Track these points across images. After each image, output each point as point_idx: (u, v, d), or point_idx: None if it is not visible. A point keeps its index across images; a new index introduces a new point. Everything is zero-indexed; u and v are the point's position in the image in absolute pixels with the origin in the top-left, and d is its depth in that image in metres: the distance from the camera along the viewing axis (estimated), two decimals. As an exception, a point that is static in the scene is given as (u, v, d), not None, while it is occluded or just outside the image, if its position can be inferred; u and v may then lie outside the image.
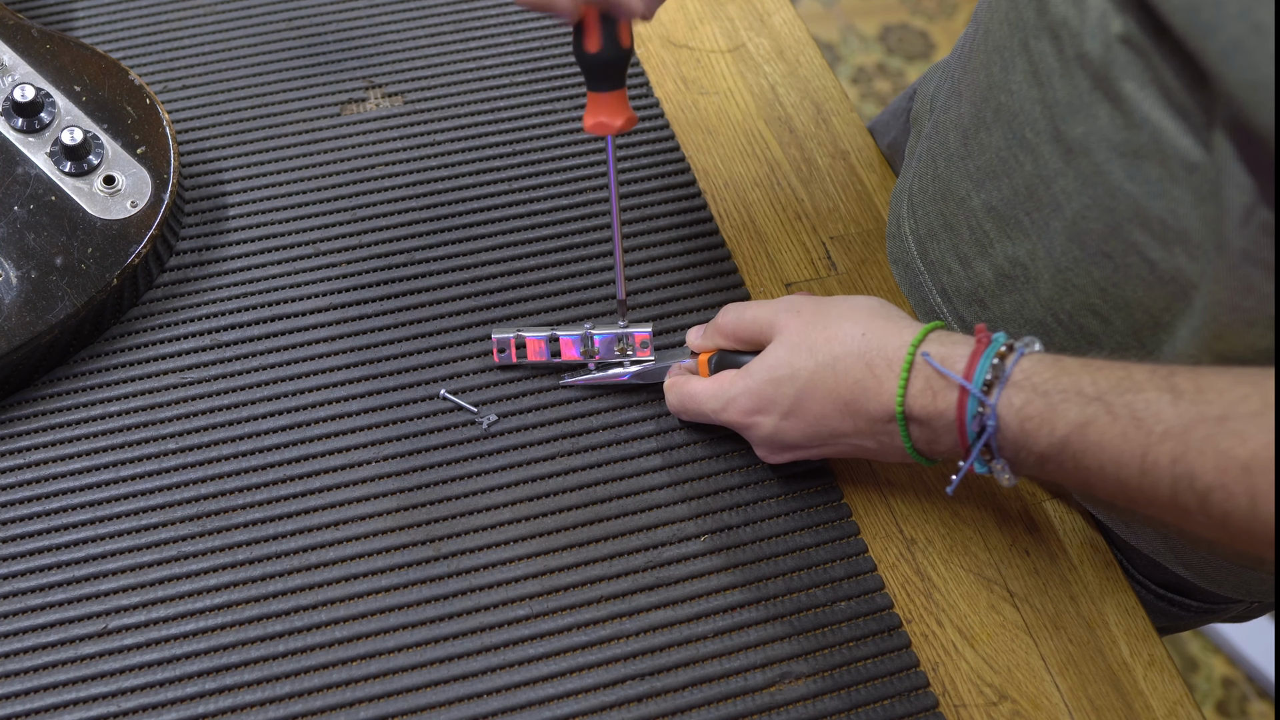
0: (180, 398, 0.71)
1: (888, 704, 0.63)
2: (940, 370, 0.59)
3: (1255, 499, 0.50)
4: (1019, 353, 0.58)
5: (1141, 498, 0.54)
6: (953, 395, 0.59)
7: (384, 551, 0.67)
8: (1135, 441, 0.53)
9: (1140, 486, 0.53)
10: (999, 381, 0.57)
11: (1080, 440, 0.55)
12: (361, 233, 0.79)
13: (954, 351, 0.60)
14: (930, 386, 0.60)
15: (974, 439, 0.58)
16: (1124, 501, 0.56)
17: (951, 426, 0.59)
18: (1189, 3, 0.51)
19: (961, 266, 0.72)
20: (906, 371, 0.60)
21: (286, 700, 0.62)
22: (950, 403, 0.59)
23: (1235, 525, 0.51)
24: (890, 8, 2.25)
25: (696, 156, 0.84)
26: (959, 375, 0.59)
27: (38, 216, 0.72)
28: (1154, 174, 0.57)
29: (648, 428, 0.71)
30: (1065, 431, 0.55)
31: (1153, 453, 0.52)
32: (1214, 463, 0.50)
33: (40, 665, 0.62)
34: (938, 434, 0.60)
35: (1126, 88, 0.57)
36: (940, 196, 0.72)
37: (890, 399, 0.61)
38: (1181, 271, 0.58)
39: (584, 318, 0.76)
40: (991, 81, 0.66)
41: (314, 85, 0.85)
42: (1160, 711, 0.65)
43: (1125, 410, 0.54)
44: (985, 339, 0.59)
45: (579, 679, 0.63)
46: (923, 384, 0.60)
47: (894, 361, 0.61)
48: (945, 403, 0.59)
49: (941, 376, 0.59)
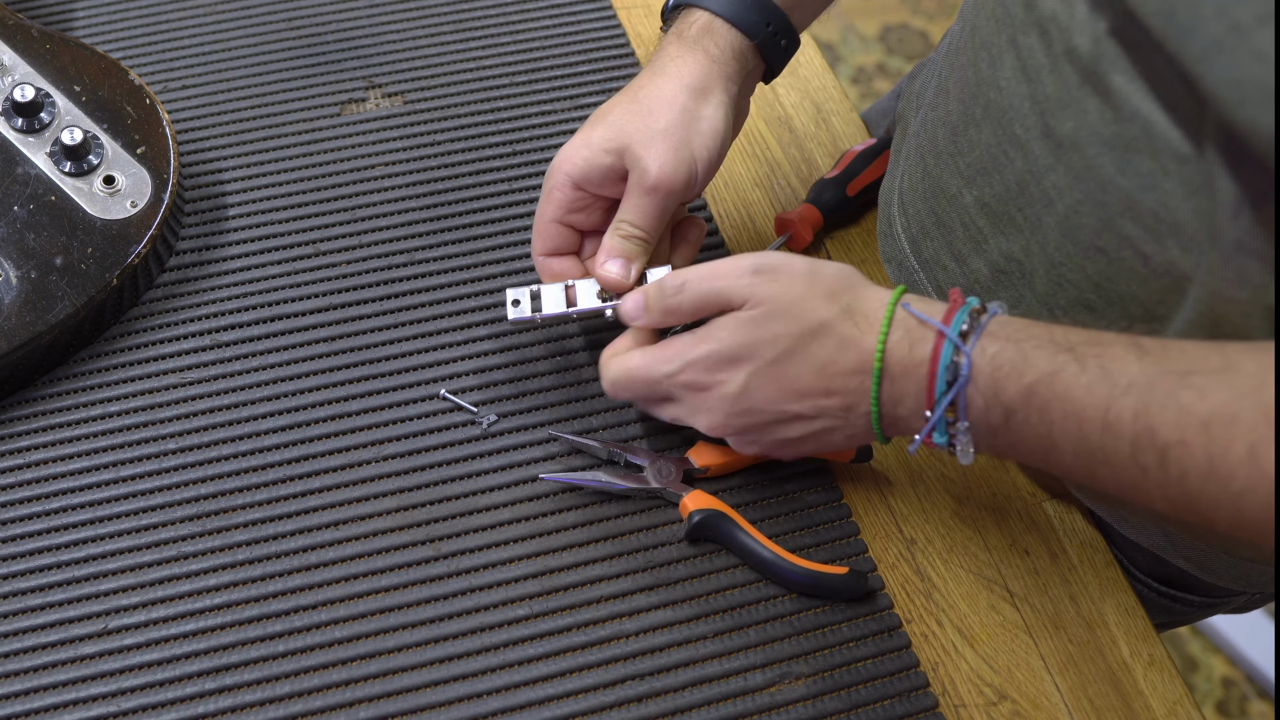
0: (180, 398, 0.71)
1: (888, 704, 0.63)
2: (920, 317, 0.59)
3: (1212, 457, 0.50)
4: (993, 310, 0.58)
5: (1101, 457, 0.54)
6: (928, 345, 0.58)
7: (384, 551, 0.67)
8: (1100, 394, 0.53)
9: (1101, 444, 0.53)
10: (975, 330, 0.57)
11: (1048, 389, 0.55)
12: (361, 233, 0.79)
13: (931, 307, 0.60)
14: (909, 336, 0.59)
15: (942, 392, 0.58)
16: (1082, 467, 0.55)
17: (923, 381, 0.58)
18: (1166, 4, 0.51)
19: (956, 264, 0.72)
20: (888, 322, 0.59)
21: (286, 700, 0.62)
22: (925, 353, 0.58)
23: (1191, 485, 0.51)
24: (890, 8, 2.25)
25: (696, 156, 0.84)
26: (938, 321, 0.58)
27: (38, 216, 0.72)
28: (1145, 167, 0.57)
29: (648, 427, 0.71)
30: (1033, 379, 0.55)
31: (1115, 406, 0.53)
32: (1174, 418, 0.51)
33: (40, 665, 0.62)
34: (906, 390, 0.59)
35: (1116, 81, 0.57)
36: (932, 194, 0.72)
37: (870, 350, 0.60)
38: (1175, 264, 0.59)
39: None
40: (980, 78, 0.66)
41: (314, 85, 0.85)
42: (1160, 711, 0.65)
43: (1094, 362, 0.54)
44: (960, 299, 0.60)
45: (579, 679, 0.63)
46: (901, 334, 0.59)
47: (874, 315, 0.60)
48: (921, 353, 0.58)
49: (921, 325, 0.59)
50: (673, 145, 0.66)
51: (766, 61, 0.72)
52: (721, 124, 0.68)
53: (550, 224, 0.69)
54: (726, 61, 0.69)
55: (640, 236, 0.67)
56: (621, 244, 0.67)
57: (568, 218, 0.69)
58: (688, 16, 0.70)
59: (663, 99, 0.67)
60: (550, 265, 0.70)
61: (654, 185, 0.66)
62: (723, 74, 0.69)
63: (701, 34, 0.69)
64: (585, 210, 0.69)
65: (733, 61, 0.69)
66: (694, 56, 0.68)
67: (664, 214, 0.67)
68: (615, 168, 0.67)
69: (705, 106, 0.67)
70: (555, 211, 0.69)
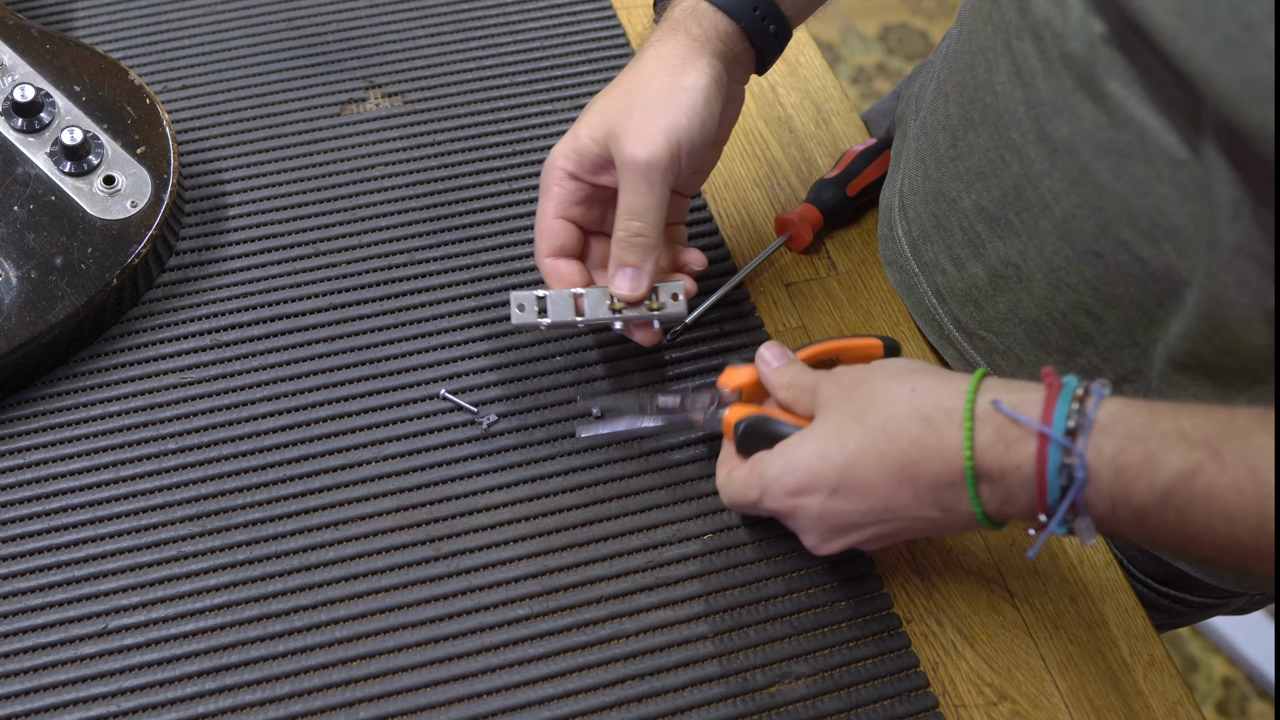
0: (180, 398, 0.71)
1: (888, 704, 0.63)
2: (1014, 416, 0.53)
3: None
4: (1098, 395, 0.52)
5: (1255, 555, 0.49)
6: (1030, 446, 0.52)
7: (384, 551, 0.67)
8: (1250, 494, 0.48)
9: (1256, 543, 0.49)
10: (1084, 427, 0.51)
11: (1186, 491, 0.49)
12: (361, 233, 0.79)
13: (1024, 397, 0.54)
14: (1002, 437, 0.53)
15: (1058, 496, 0.52)
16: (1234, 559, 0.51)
17: (1029, 482, 0.53)
18: (1179, 3, 0.51)
19: (955, 267, 0.72)
20: (970, 420, 0.54)
21: (286, 700, 0.62)
22: (1028, 454, 0.52)
23: None
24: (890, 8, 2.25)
25: (696, 156, 0.84)
26: (1036, 421, 0.52)
27: (38, 216, 0.72)
28: (1140, 172, 0.57)
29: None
30: (1168, 482, 0.50)
31: (1270, 505, 0.48)
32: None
33: (40, 665, 0.62)
34: (1012, 492, 0.54)
35: (1110, 86, 0.57)
36: (932, 198, 0.72)
37: (956, 455, 0.54)
38: (1172, 268, 0.58)
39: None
40: (977, 82, 0.66)
41: (314, 85, 0.85)
42: (1160, 711, 0.65)
43: (1236, 457, 0.49)
44: (1056, 383, 0.53)
45: (579, 679, 0.63)
46: (993, 434, 0.53)
47: (953, 412, 0.55)
48: (1022, 455, 0.53)
49: (1015, 424, 0.53)
50: (648, 118, 0.64)
51: (755, 48, 0.70)
52: (701, 95, 0.65)
53: (552, 221, 0.68)
54: (709, 40, 0.67)
55: (641, 234, 0.66)
56: (624, 250, 0.66)
57: (569, 211, 0.68)
58: (675, 2, 0.69)
59: (641, 80, 0.67)
60: (557, 268, 0.68)
61: (632, 160, 0.64)
62: (704, 50, 0.67)
63: (684, 16, 0.68)
64: (585, 204, 0.69)
65: (716, 41, 0.67)
66: (674, 38, 0.67)
67: (658, 196, 0.65)
68: (603, 155, 0.66)
69: (683, 79, 0.66)
70: (555, 207, 0.68)
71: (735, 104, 0.71)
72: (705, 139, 0.66)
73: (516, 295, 0.68)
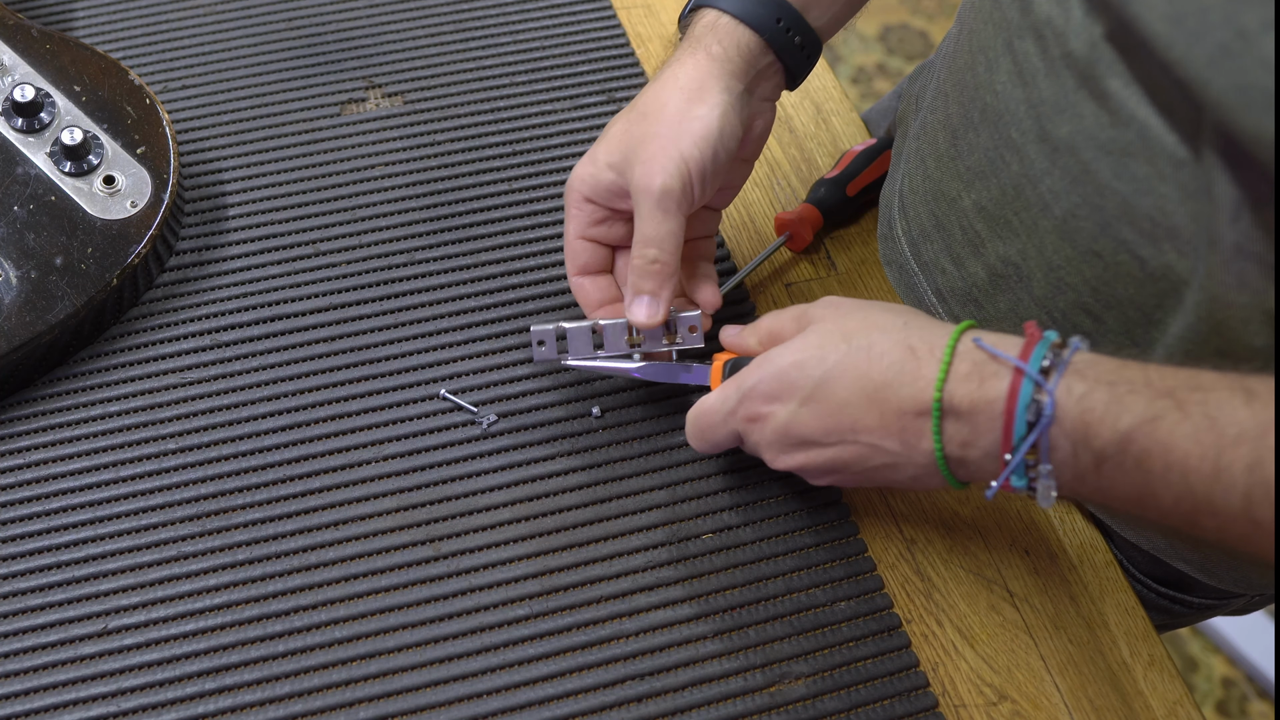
0: (180, 398, 0.71)
1: (888, 704, 0.63)
2: (993, 352, 0.55)
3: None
4: (1074, 346, 0.55)
5: (1207, 509, 0.50)
6: (1003, 383, 0.54)
7: (384, 551, 0.67)
8: (1207, 443, 0.49)
9: (1209, 495, 0.50)
10: (1059, 367, 0.53)
11: (1147, 438, 0.51)
12: (361, 233, 0.79)
13: (1004, 341, 0.56)
14: (978, 372, 0.55)
15: (1024, 433, 0.53)
16: (1183, 516, 0.52)
17: (997, 420, 0.54)
18: (1173, 11, 0.51)
19: (955, 267, 0.72)
20: (950, 354, 0.56)
21: (286, 700, 0.62)
22: (1000, 391, 0.54)
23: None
24: (890, 8, 2.25)
25: (696, 156, 0.84)
26: (1014, 357, 0.54)
27: (38, 216, 0.72)
28: (1141, 172, 0.57)
29: (647, 428, 0.71)
30: (1130, 426, 0.51)
31: (1226, 456, 0.49)
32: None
33: (40, 665, 0.62)
34: (978, 430, 0.55)
35: (1112, 86, 0.57)
36: (932, 197, 0.72)
37: (928, 385, 0.56)
38: (1172, 268, 0.58)
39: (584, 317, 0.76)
40: (977, 82, 0.66)
41: (314, 85, 0.85)
42: (1160, 711, 0.65)
43: (1198, 409, 0.50)
44: (1038, 333, 0.56)
45: (579, 679, 0.63)
46: (969, 368, 0.55)
47: (936, 347, 0.56)
48: (995, 390, 0.54)
49: (993, 360, 0.55)
50: (661, 148, 0.64)
51: (782, 61, 0.68)
52: (715, 124, 0.64)
53: (576, 241, 0.69)
54: (729, 59, 0.66)
55: (657, 261, 0.65)
56: (641, 279, 0.65)
57: (590, 232, 0.68)
58: (697, 17, 0.68)
59: (658, 104, 0.66)
60: (584, 287, 0.69)
61: (646, 189, 0.64)
62: (723, 71, 0.66)
63: (705, 32, 0.67)
64: (606, 223, 0.69)
65: (737, 59, 0.66)
66: (694, 57, 0.66)
67: (673, 224, 0.65)
68: (618, 182, 0.66)
69: (699, 106, 0.65)
70: (577, 228, 0.68)
71: (764, 119, 0.70)
72: (721, 164, 0.66)
73: (537, 330, 0.69)
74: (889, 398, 0.57)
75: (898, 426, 0.57)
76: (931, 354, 0.56)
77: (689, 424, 0.65)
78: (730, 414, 0.62)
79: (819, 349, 0.59)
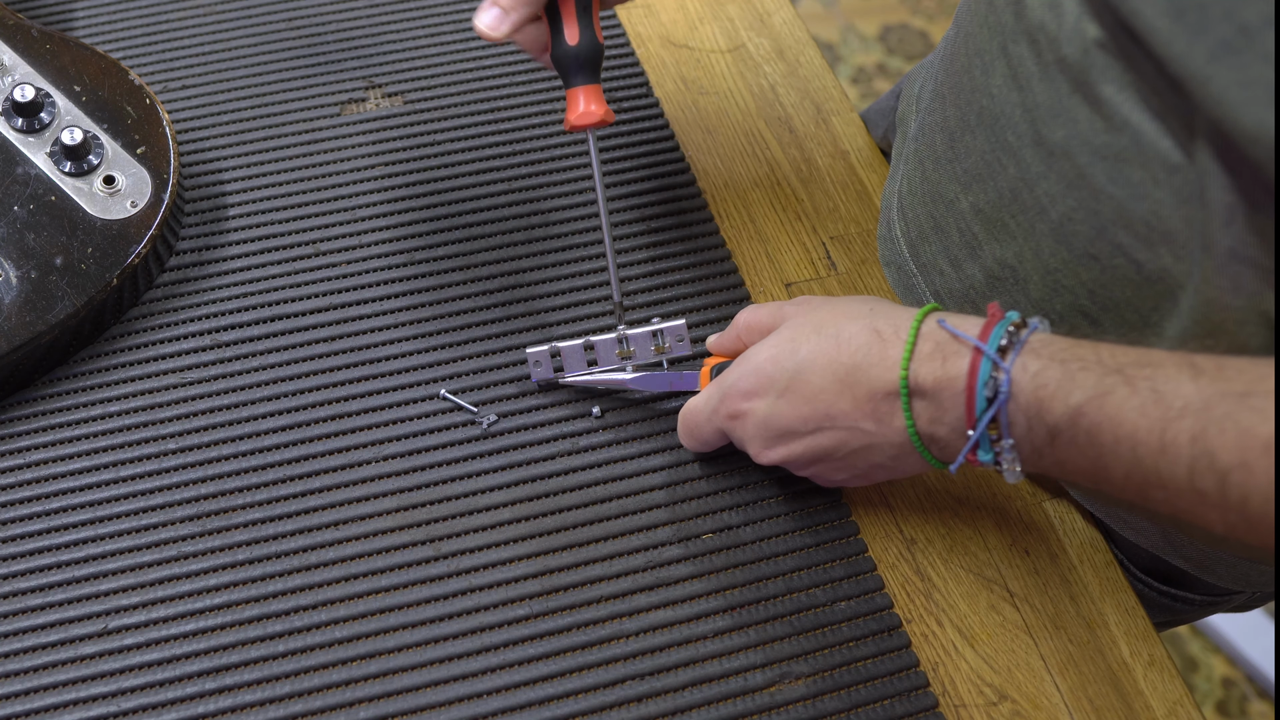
0: (180, 398, 0.71)
1: (888, 704, 0.63)
2: (953, 332, 0.57)
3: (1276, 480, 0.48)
4: (1033, 326, 0.57)
5: (1155, 481, 0.52)
6: (964, 361, 0.57)
7: (384, 551, 0.67)
8: (1154, 416, 0.51)
9: (1156, 467, 0.51)
10: (1015, 346, 0.55)
11: (1097, 411, 0.53)
12: (361, 233, 0.79)
13: (966, 322, 0.58)
14: (941, 351, 0.57)
15: (984, 408, 0.56)
16: (1134, 489, 0.54)
17: (959, 397, 0.57)
18: (1173, 6, 0.51)
19: (953, 268, 0.72)
20: (914, 336, 0.58)
21: (286, 700, 0.62)
22: (961, 369, 0.57)
23: (1254, 509, 0.49)
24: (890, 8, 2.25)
25: (696, 157, 0.84)
26: (974, 337, 0.57)
27: (38, 216, 0.72)
28: (1135, 176, 0.57)
29: (647, 428, 0.71)
30: (1081, 400, 0.53)
31: (1171, 429, 0.50)
32: (1235, 440, 0.49)
33: (40, 665, 0.62)
34: (944, 406, 0.58)
35: (1105, 91, 0.57)
36: (930, 199, 0.72)
37: (894, 365, 0.58)
38: (1167, 272, 0.59)
39: (584, 318, 0.76)
40: (973, 85, 0.66)
41: (314, 85, 0.85)
42: (1160, 711, 0.65)
43: (1145, 384, 0.52)
44: (999, 313, 0.58)
45: (579, 679, 0.63)
46: (932, 348, 0.58)
47: (901, 329, 0.59)
48: (956, 369, 0.57)
49: (954, 340, 0.57)
50: None
51: None
52: None
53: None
54: None
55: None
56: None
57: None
58: None
59: None
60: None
61: None
62: None
63: None
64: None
65: None
66: None
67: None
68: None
69: None
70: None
71: None
72: None
73: (532, 352, 0.71)
74: (859, 380, 0.59)
75: (870, 408, 0.59)
76: (897, 336, 0.59)
77: (679, 425, 0.69)
78: (714, 412, 0.65)
79: (791, 342, 0.62)
